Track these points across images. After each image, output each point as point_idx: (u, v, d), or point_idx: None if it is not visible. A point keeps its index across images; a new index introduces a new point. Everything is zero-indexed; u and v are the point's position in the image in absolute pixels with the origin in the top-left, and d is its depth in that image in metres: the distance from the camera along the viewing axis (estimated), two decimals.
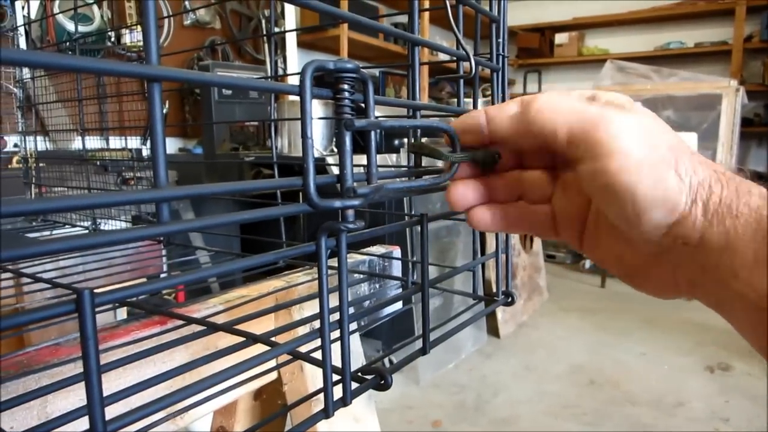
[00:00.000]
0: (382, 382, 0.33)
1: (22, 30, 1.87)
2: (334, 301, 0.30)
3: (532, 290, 2.98)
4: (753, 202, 0.26)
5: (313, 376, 0.56)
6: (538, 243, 3.13)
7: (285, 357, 0.43)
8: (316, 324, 0.30)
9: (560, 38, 5.12)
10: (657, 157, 0.27)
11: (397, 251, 0.66)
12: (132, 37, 2.41)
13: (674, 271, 0.29)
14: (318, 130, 2.19)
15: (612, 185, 0.27)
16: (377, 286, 0.62)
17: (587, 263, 3.80)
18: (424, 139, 0.37)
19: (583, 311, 2.97)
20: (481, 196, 0.34)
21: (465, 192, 0.33)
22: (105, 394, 0.21)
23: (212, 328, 0.42)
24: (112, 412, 0.22)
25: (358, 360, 0.63)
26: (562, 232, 0.34)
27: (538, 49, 5.18)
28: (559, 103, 0.29)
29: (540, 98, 0.30)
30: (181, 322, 0.45)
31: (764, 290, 0.24)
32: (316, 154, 2.06)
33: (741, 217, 0.26)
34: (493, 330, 2.59)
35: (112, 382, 0.39)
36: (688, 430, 1.82)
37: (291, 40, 3.08)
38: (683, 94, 3.44)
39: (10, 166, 1.54)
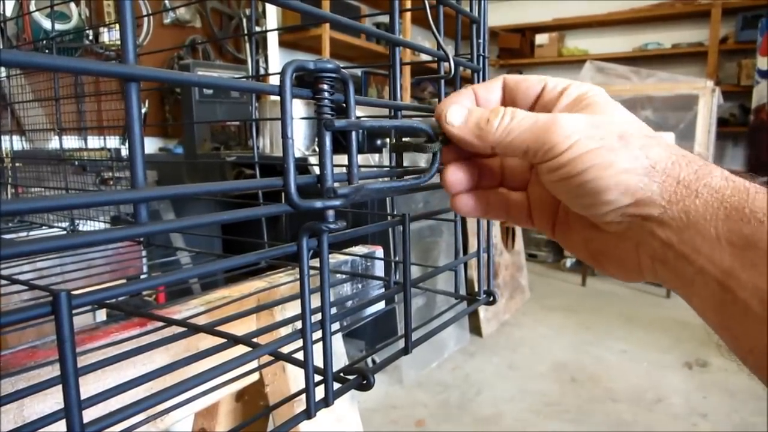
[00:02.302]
0: (365, 382, 0.33)
1: None
2: (316, 301, 0.30)
3: (514, 289, 3.00)
4: (714, 182, 0.26)
5: (296, 377, 0.56)
6: (519, 242, 3.16)
7: (267, 358, 0.43)
8: (299, 324, 0.29)
9: (541, 39, 5.16)
10: (605, 146, 0.28)
11: (379, 251, 0.66)
12: (110, 36, 2.38)
13: (637, 248, 0.30)
14: (300, 130, 2.18)
15: (565, 178, 0.28)
16: (360, 286, 0.62)
17: (568, 262, 3.84)
18: (406, 139, 0.37)
19: (564, 310, 3.00)
20: (470, 180, 0.35)
21: (458, 175, 0.34)
22: (83, 396, 0.21)
23: (193, 329, 0.42)
24: (90, 414, 0.22)
25: (340, 360, 0.63)
26: (536, 219, 0.36)
27: (518, 50, 5.21)
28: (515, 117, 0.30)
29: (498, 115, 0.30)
30: (161, 324, 0.45)
31: (726, 266, 0.25)
32: (298, 154, 2.05)
33: (701, 197, 0.26)
34: (476, 329, 2.60)
35: (90, 385, 0.38)
36: (667, 425, 1.85)
37: (272, 39, 3.07)
38: (661, 95, 3.50)
39: None
